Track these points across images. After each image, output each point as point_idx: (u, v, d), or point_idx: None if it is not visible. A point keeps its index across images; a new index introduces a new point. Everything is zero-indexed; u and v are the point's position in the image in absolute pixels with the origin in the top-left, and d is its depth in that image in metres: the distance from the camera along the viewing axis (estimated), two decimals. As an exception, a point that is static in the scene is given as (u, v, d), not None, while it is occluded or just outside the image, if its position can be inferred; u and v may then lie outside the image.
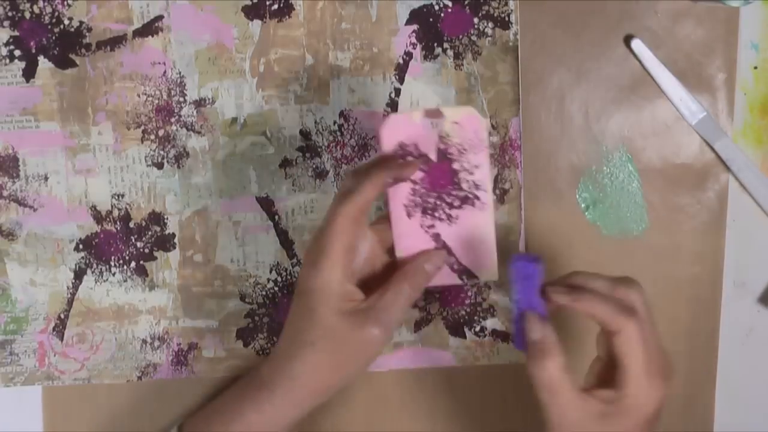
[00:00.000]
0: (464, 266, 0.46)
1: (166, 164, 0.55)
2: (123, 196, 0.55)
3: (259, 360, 0.56)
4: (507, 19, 0.54)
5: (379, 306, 0.45)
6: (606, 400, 0.42)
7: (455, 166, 0.44)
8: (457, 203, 0.45)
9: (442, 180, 0.44)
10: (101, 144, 0.55)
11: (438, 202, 0.45)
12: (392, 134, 0.44)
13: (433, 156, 0.44)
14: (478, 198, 0.45)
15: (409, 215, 0.45)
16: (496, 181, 0.55)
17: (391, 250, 0.46)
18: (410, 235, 0.45)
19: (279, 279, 0.56)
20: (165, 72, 0.54)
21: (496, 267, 0.46)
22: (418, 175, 0.44)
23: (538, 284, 0.44)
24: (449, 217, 0.45)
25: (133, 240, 0.55)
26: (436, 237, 0.45)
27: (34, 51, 0.54)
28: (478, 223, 0.45)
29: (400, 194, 0.45)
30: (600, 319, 0.42)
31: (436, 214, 0.45)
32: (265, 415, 0.48)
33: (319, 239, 0.44)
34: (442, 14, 0.54)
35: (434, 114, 0.44)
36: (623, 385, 0.42)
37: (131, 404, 0.56)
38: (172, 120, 0.55)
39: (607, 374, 0.44)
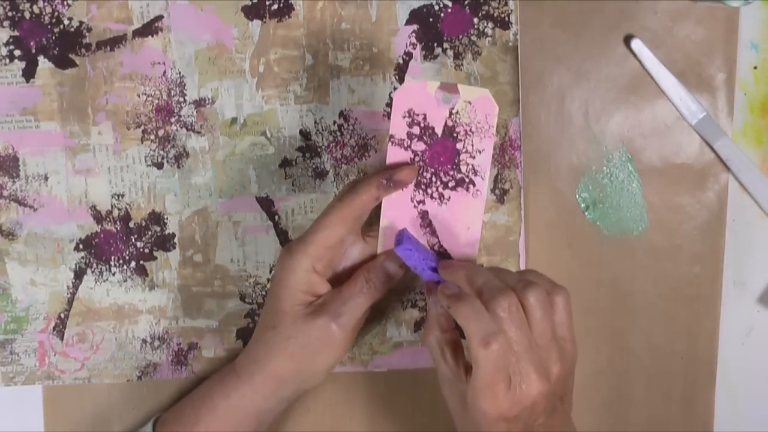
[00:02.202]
0: (444, 250, 0.46)
1: (166, 164, 0.55)
2: (123, 196, 0.55)
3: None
4: (507, 19, 0.54)
5: (335, 300, 0.46)
6: (464, 380, 0.42)
7: (458, 146, 0.44)
8: (452, 184, 0.45)
9: (443, 157, 0.44)
10: (101, 144, 0.55)
11: (433, 179, 0.45)
12: (405, 99, 0.44)
13: (438, 130, 0.44)
14: (473, 184, 0.44)
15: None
16: (496, 180, 0.55)
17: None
18: (398, 207, 0.45)
19: (279, 279, 0.56)
20: (165, 72, 0.54)
21: (475, 257, 0.46)
22: (420, 146, 0.44)
23: (420, 254, 0.45)
24: (441, 196, 0.45)
25: (133, 240, 0.55)
26: (424, 214, 0.45)
27: (34, 51, 0.54)
28: (468, 209, 0.45)
29: (398, 162, 0.45)
30: (466, 335, 0.40)
31: (429, 191, 0.45)
32: (231, 399, 0.49)
33: (306, 231, 0.46)
34: (442, 14, 0.54)
35: (450, 88, 0.43)
36: (471, 382, 0.40)
37: (131, 404, 0.56)
38: (172, 120, 0.55)
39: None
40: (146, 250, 0.56)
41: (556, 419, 0.42)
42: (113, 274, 0.56)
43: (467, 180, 0.44)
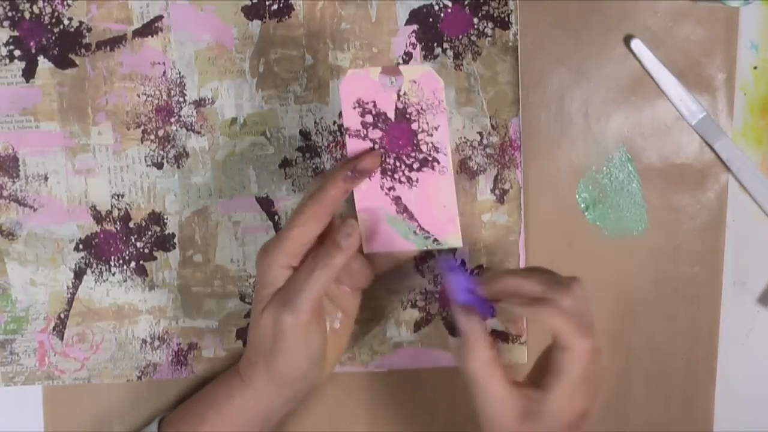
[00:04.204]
0: (427, 231, 0.46)
1: (165, 164, 0.55)
2: (123, 196, 0.55)
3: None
4: (507, 19, 0.54)
5: (288, 289, 0.45)
6: (532, 399, 0.41)
7: (414, 126, 0.44)
8: (416, 165, 0.45)
9: (401, 140, 0.44)
10: (101, 144, 0.55)
11: (397, 164, 0.45)
12: (351, 90, 0.44)
13: (391, 114, 0.44)
14: (437, 161, 0.44)
15: (369, 176, 0.45)
16: (496, 180, 0.55)
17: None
18: (370, 196, 0.45)
19: (279, 279, 0.56)
20: (165, 72, 0.54)
21: (459, 232, 0.46)
22: (377, 134, 0.44)
23: (466, 279, 0.44)
24: (409, 180, 0.45)
25: (133, 240, 0.55)
26: (397, 200, 0.46)
27: (34, 51, 0.54)
28: (438, 187, 0.45)
29: (360, 151, 0.45)
30: (554, 334, 0.41)
31: (396, 176, 0.45)
32: (235, 401, 0.49)
33: (281, 230, 0.46)
34: (442, 14, 0.54)
35: (391, 71, 0.44)
36: (550, 390, 0.41)
37: (131, 404, 0.56)
38: (172, 120, 0.55)
39: (542, 372, 0.43)
40: (146, 250, 0.56)
41: None
42: (113, 274, 0.56)
43: (430, 159, 0.45)
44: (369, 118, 0.45)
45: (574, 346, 0.40)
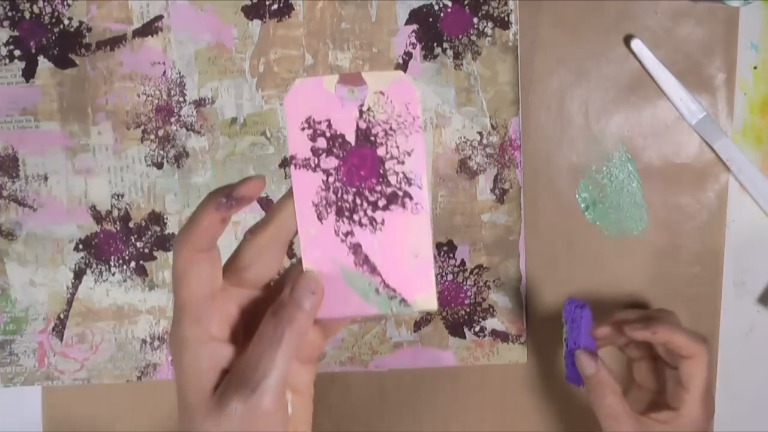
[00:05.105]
0: (392, 289, 0.35)
1: (165, 164, 0.55)
2: (123, 196, 0.55)
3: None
4: (507, 19, 0.54)
5: (243, 369, 0.32)
6: (663, 421, 0.46)
7: (380, 152, 0.34)
8: (382, 203, 0.35)
9: (363, 170, 0.34)
10: (101, 144, 0.55)
11: (358, 201, 0.35)
12: (299, 106, 0.34)
13: (350, 137, 0.34)
14: (410, 196, 0.34)
15: (320, 217, 0.34)
16: (496, 180, 0.55)
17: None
18: (321, 245, 0.35)
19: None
20: (165, 72, 0.54)
21: (434, 292, 0.35)
22: (331, 163, 0.34)
23: (587, 326, 0.48)
24: (372, 221, 0.35)
25: (133, 240, 0.55)
26: (356, 248, 0.35)
27: (33, 51, 0.54)
28: (410, 230, 0.35)
29: (308, 188, 0.34)
30: (676, 346, 0.46)
31: (356, 218, 0.35)
32: None
33: (174, 291, 0.33)
34: (442, 14, 0.54)
35: (351, 80, 0.34)
36: (683, 405, 0.46)
37: (131, 404, 0.56)
38: (172, 120, 0.55)
39: (650, 399, 0.49)
40: (146, 250, 0.55)
41: None
42: (113, 274, 0.56)
43: (400, 193, 0.34)
44: (321, 143, 0.34)
45: (698, 352, 0.46)
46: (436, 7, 0.54)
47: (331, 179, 0.34)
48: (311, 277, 0.34)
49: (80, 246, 0.55)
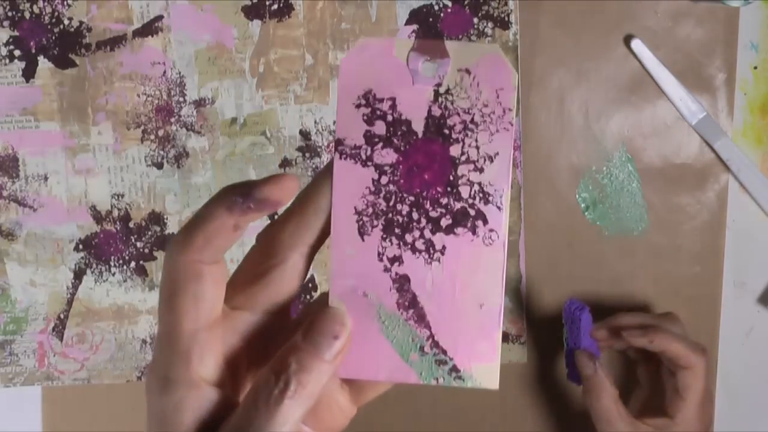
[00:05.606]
0: (443, 350, 0.26)
1: (165, 164, 0.55)
2: (123, 196, 0.55)
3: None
4: (507, 19, 0.54)
5: (244, 424, 0.23)
6: (658, 427, 0.46)
7: (454, 151, 0.25)
8: (446, 222, 0.25)
9: (428, 173, 0.25)
10: (101, 144, 0.55)
11: (415, 216, 0.26)
12: (358, 72, 0.26)
13: (418, 125, 0.26)
14: (484, 219, 0.25)
15: (361, 231, 0.26)
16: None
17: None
18: (356, 271, 0.26)
19: (279, 279, 0.56)
20: (165, 72, 0.54)
21: (497, 362, 0.26)
22: (388, 157, 0.25)
23: (587, 326, 0.48)
24: (430, 247, 0.26)
25: (133, 240, 0.55)
26: (402, 283, 0.26)
27: (34, 51, 0.54)
28: (478, 269, 0.26)
29: (352, 188, 0.26)
30: (674, 356, 0.46)
31: (408, 238, 0.26)
32: None
33: (160, 312, 0.25)
34: (442, 14, 0.54)
35: (432, 49, 0.25)
36: (678, 414, 0.46)
37: (131, 404, 0.56)
38: (172, 120, 0.55)
39: (651, 402, 0.49)
40: (146, 250, 0.55)
41: None
42: (113, 275, 0.56)
43: (472, 212, 0.25)
44: (380, 128, 0.26)
45: (696, 363, 0.45)
46: (436, 7, 0.54)
47: (384, 180, 0.25)
48: (336, 315, 0.25)
49: (80, 246, 0.55)
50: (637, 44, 0.54)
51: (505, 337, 0.56)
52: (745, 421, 0.57)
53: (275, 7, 0.54)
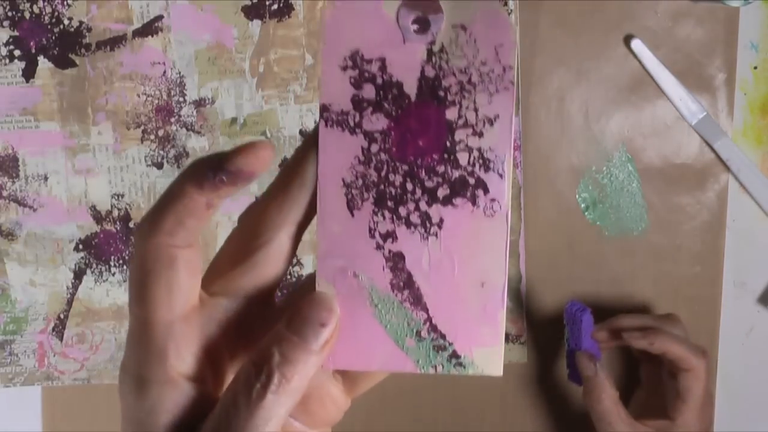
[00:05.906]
0: (441, 334, 0.24)
1: (165, 164, 0.55)
2: (123, 196, 0.55)
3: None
4: (507, 19, 0.54)
5: (227, 424, 0.21)
6: (658, 429, 0.46)
7: (450, 114, 0.23)
8: (443, 192, 0.23)
9: (423, 139, 0.23)
10: (101, 144, 0.55)
11: (409, 186, 0.23)
12: (344, 31, 0.23)
13: (410, 88, 0.23)
14: (484, 188, 0.23)
15: (350, 205, 0.23)
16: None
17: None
18: (346, 249, 0.23)
19: (279, 279, 0.56)
20: (165, 72, 0.54)
21: (501, 346, 0.24)
22: (379, 123, 0.23)
23: (588, 328, 0.48)
24: (426, 220, 0.23)
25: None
26: (396, 261, 0.24)
27: (34, 51, 0.54)
28: (479, 243, 0.23)
29: (339, 158, 0.23)
30: (675, 358, 0.46)
31: (402, 211, 0.23)
32: None
33: (130, 303, 0.23)
34: (442, 14, 0.54)
35: (425, 5, 0.23)
36: (679, 416, 0.46)
37: (131, 404, 0.56)
38: (172, 120, 0.55)
39: (652, 403, 0.49)
40: (146, 251, 0.55)
41: None
42: (113, 275, 0.56)
43: (472, 181, 0.23)
44: (369, 92, 0.23)
45: (696, 366, 0.46)
46: (436, 7, 0.54)
47: (374, 148, 0.23)
48: (324, 301, 0.23)
49: (80, 246, 0.55)
50: (637, 44, 0.54)
51: (505, 337, 0.56)
52: (745, 421, 0.57)
53: (275, 7, 0.54)
